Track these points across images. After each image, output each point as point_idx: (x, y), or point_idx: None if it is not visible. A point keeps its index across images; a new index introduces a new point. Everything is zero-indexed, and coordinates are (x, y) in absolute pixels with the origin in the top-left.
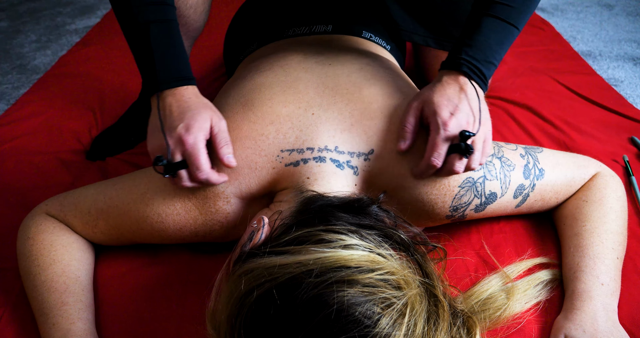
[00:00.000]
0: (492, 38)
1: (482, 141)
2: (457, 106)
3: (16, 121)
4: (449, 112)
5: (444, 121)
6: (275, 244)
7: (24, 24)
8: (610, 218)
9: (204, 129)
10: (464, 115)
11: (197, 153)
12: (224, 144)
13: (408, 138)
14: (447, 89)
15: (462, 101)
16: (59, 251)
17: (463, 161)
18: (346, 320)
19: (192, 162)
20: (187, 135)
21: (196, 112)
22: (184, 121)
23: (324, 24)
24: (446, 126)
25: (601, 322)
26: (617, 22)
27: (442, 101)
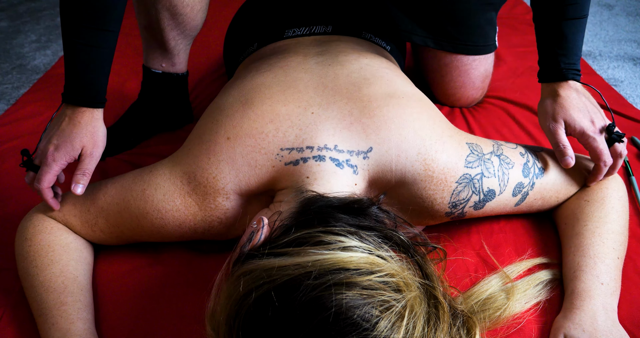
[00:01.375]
0: (577, 39)
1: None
2: (587, 109)
3: (16, 121)
4: (588, 120)
5: (592, 129)
6: (274, 245)
7: (24, 24)
8: (611, 218)
9: (69, 155)
10: (597, 114)
11: (47, 170)
12: (80, 173)
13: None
14: (572, 100)
15: (586, 104)
16: (56, 251)
17: (625, 146)
18: (344, 323)
19: (39, 174)
20: (51, 154)
21: (75, 137)
22: (59, 141)
23: (323, 25)
24: (595, 132)
25: (600, 322)
26: (617, 22)
27: (578, 114)
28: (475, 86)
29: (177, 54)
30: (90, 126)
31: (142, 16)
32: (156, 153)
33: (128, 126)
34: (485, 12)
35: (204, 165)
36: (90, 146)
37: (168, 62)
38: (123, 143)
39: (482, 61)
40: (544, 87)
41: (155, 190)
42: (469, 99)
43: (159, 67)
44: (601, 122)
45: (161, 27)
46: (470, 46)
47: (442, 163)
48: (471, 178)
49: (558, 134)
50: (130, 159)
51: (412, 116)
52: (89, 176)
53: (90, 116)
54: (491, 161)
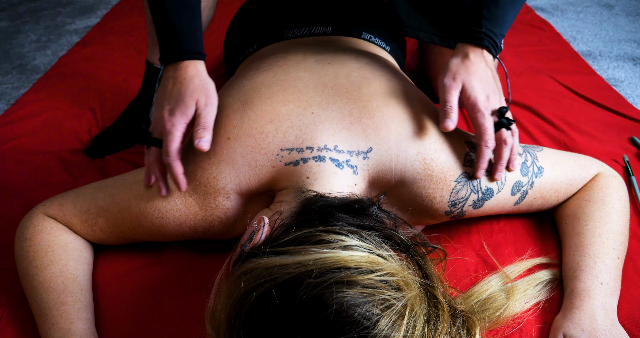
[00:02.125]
0: (508, 12)
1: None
2: (488, 84)
3: (16, 121)
4: (485, 96)
5: (484, 105)
6: (275, 244)
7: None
8: (612, 218)
9: (186, 116)
10: (496, 95)
11: (171, 138)
12: (201, 128)
13: (454, 117)
14: (474, 67)
15: (489, 79)
16: (56, 251)
17: (512, 135)
18: (345, 321)
19: (165, 145)
20: (168, 119)
21: (185, 94)
22: (171, 104)
23: (323, 26)
24: (487, 109)
25: (600, 321)
26: (617, 22)
27: (477, 85)
28: None
29: None
30: (197, 79)
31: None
32: None
33: (127, 123)
34: None
35: (205, 165)
36: (204, 99)
37: None
38: (122, 140)
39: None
40: (458, 46)
41: (155, 190)
42: None
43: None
44: (496, 103)
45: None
46: None
47: (441, 162)
48: (470, 176)
49: (451, 93)
50: (130, 158)
51: (412, 115)
52: (210, 130)
53: (195, 69)
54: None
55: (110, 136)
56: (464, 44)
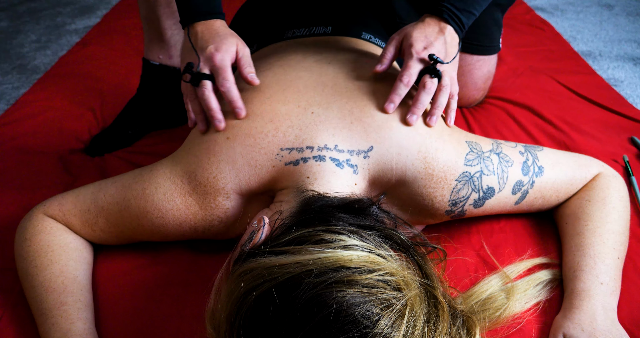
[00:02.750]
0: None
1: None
2: (432, 42)
3: (16, 121)
4: (423, 46)
5: (417, 50)
6: (275, 244)
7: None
8: (612, 218)
9: (230, 52)
10: (436, 50)
11: (224, 66)
12: (248, 66)
13: (385, 63)
14: (427, 28)
15: (438, 39)
16: (56, 251)
17: (434, 81)
18: (345, 320)
19: (219, 73)
20: (216, 53)
21: (224, 37)
22: (213, 43)
23: (323, 26)
24: (419, 54)
25: (600, 321)
26: (617, 22)
27: (420, 37)
28: (477, 86)
29: (174, 45)
30: (228, 29)
31: (143, 6)
32: (155, 152)
33: (126, 120)
34: (493, 12)
35: (204, 165)
36: (241, 44)
37: (165, 54)
38: (121, 137)
39: (486, 61)
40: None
41: (155, 189)
42: (470, 99)
43: (156, 59)
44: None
45: (157, 15)
46: (475, 45)
47: (442, 161)
48: (471, 175)
49: (390, 43)
50: (129, 157)
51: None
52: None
53: (222, 24)
54: (490, 159)
55: (109, 134)
56: (425, 14)
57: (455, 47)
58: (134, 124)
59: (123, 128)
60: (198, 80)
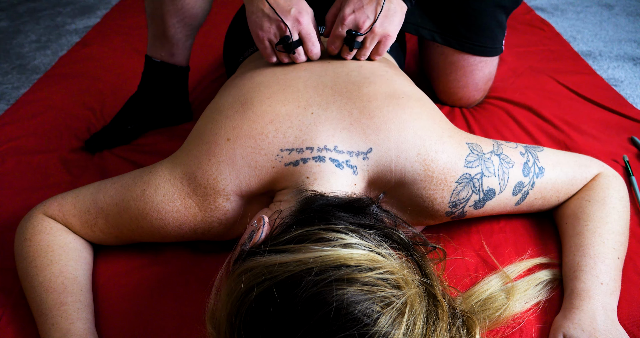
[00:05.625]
0: None
1: (376, 42)
2: (363, 6)
3: (16, 121)
4: (352, 9)
5: (343, 15)
6: (275, 243)
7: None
8: (612, 218)
9: (309, 12)
10: (363, 16)
11: (312, 31)
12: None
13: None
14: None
15: (370, 2)
16: (56, 251)
17: (351, 53)
18: (345, 318)
19: (309, 39)
20: (301, 17)
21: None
22: (294, 6)
23: (323, 26)
24: (344, 21)
25: (600, 321)
26: (617, 22)
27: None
28: (478, 87)
29: (177, 43)
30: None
31: (148, 3)
32: (155, 151)
33: (126, 116)
34: (497, 14)
35: (204, 166)
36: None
37: (167, 52)
38: (121, 133)
39: (488, 63)
40: None
41: (155, 191)
42: (470, 100)
43: (158, 56)
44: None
45: (162, 12)
46: (478, 46)
47: (442, 163)
48: (471, 177)
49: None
50: (129, 156)
51: (412, 116)
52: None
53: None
54: (491, 161)
55: (109, 131)
56: None
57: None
58: (134, 120)
59: (123, 124)
60: (293, 48)
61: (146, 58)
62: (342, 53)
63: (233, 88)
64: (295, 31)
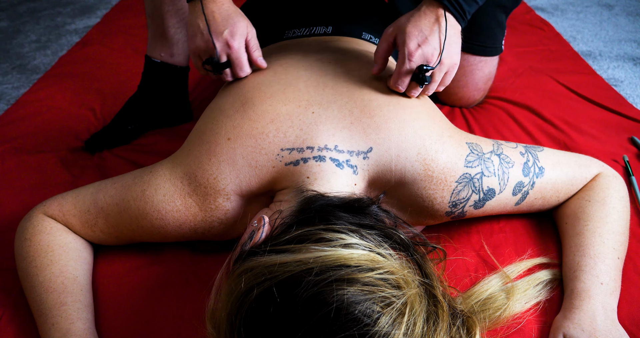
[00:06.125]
0: None
1: (443, 73)
2: (427, 38)
3: (16, 121)
4: (417, 43)
5: (410, 51)
6: (275, 243)
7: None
8: (612, 218)
9: (244, 35)
10: (430, 48)
11: (241, 56)
12: (256, 49)
13: (379, 62)
14: (423, 19)
15: (433, 33)
16: (56, 251)
17: (419, 89)
18: (346, 318)
19: (237, 64)
20: (232, 40)
21: (237, 20)
22: (228, 28)
23: (323, 26)
24: (411, 56)
25: (600, 321)
26: (617, 22)
27: (414, 32)
28: (477, 87)
29: (177, 43)
30: (236, 9)
31: (148, 3)
32: (155, 151)
33: (126, 116)
34: (496, 13)
35: (205, 166)
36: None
37: (167, 52)
38: (121, 133)
39: (488, 62)
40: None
41: (155, 191)
42: (470, 99)
43: (158, 56)
44: (427, 55)
45: (162, 12)
46: (478, 45)
47: (441, 162)
48: (471, 177)
49: (384, 38)
50: (129, 156)
51: (412, 115)
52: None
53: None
54: (491, 160)
55: (109, 131)
56: (424, 1)
57: (457, 36)
58: (134, 120)
59: (123, 124)
60: (220, 70)
61: (146, 58)
62: (409, 91)
63: (233, 88)
64: (223, 54)
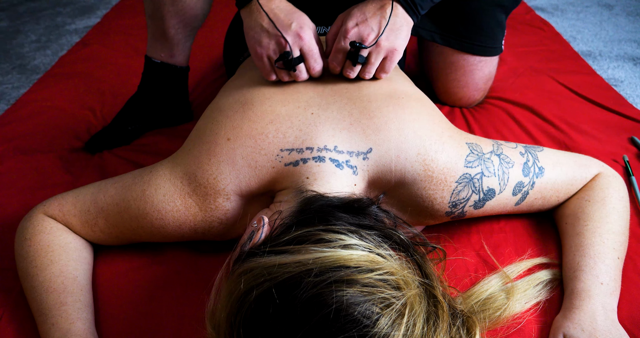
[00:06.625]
0: None
1: (382, 57)
2: (367, 19)
3: (16, 121)
4: (356, 22)
5: (346, 28)
6: (274, 243)
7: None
8: (612, 218)
9: (311, 27)
10: (367, 28)
11: (314, 47)
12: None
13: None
14: (369, 5)
15: (374, 17)
16: (56, 251)
17: (355, 68)
18: (345, 319)
19: (312, 56)
20: (302, 32)
21: (299, 13)
22: (294, 21)
23: (323, 26)
24: (346, 33)
25: (600, 321)
26: (617, 22)
27: (357, 13)
28: (478, 87)
29: (177, 44)
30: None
31: (148, 4)
32: (155, 151)
33: (126, 117)
34: (496, 13)
35: (205, 166)
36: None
37: (167, 53)
38: (121, 133)
39: (488, 62)
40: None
41: (155, 191)
42: (470, 99)
43: (158, 57)
44: (362, 34)
45: (162, 13)
46: (478, 45)
47: (441, 163)
48: (471, 177)
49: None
50: (129, 156)
51: (412, 116)
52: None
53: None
54: (491, 161)
55: (109, 132)
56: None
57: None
58: (134, 120)
59: (123, 124)
60: (294, 65)
61: (146, 59)
62: (344, 70)
63: (233, 89)
64: (296, 47)
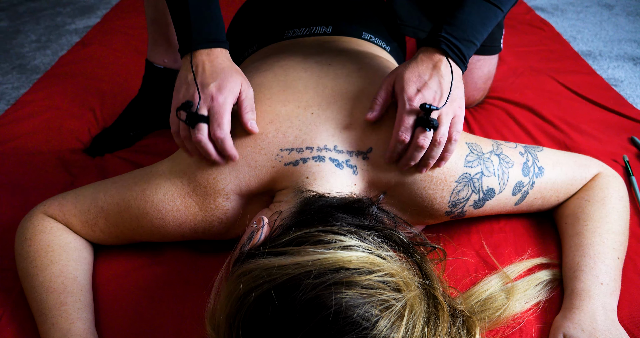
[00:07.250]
0: (474, 17)
1: (451, 118)
2: (426, 82)
3: (16, 121)
4: (416, 88)
5: (409, 96)
6: (274, 245)
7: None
8: (612, 218)
9: (234, 93)
10: (431, 92)
11: (223, 111)
12: (249, 110)
13: (376, 109)
14: (420, 66)
15: (432, 78)
16: (56, 251)
17: (428, 135)
18: (344, 322)
19: (216, 119)
20: (218, 93)
21: (229, 74)
22: (216, 81)
23: (323, 25)
24: (411, 100)
25: (600, 321)
26: (617, 22)
27: (412, 78)
28: (477, 86)
29: None
30: (232, 64)
31: (150, 9)
32: (155, 152)
33: (127, 121)
34: None
35: (204, 166)
36: (245, 84)
37: (170, 58)
38: (122, 139)
39: (487, 61)
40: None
41: (155, 190)
42: (470, 99)
43: (161, 62)
44: (428, 99)
45: (168, 20)
46: None
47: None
48: (471, 177)
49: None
50: (129, 157)
51: None
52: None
53: (226, 56)
54: (491, 160)
55: (110, 135)
56: (420, 47)
57: (459, 81)
58: (136, 125)
59: (124, 129)
60: (195, 122)
61: (147, 63)
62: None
63: None
64: (204, 106)
